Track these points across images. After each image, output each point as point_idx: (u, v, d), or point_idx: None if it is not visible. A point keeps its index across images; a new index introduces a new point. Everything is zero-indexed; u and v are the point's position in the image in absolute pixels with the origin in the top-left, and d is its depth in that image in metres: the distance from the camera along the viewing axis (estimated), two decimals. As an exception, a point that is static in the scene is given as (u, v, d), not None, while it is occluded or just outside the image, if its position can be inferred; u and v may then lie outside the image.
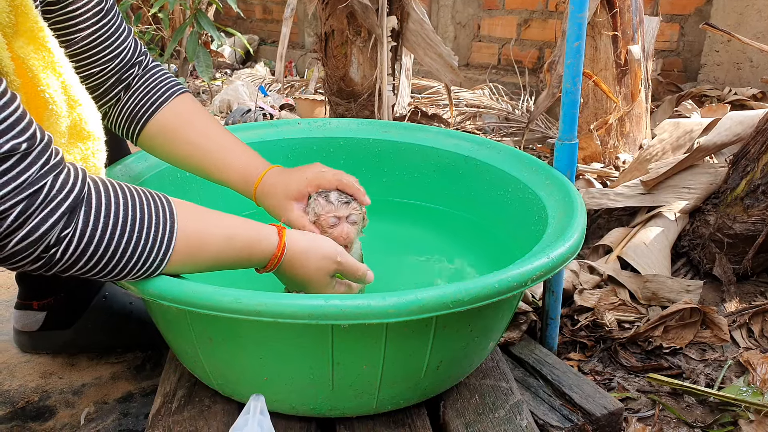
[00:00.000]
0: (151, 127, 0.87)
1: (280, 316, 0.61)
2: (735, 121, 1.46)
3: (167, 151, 0.89)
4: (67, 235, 0.58)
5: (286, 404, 0.76)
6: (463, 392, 0.85)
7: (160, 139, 0.87)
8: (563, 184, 0.93)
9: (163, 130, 0.87)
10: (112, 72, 0.84)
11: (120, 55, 0.84)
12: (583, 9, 0.91)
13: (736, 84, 2.38)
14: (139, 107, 0.87)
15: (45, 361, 1.06)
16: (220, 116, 3.10)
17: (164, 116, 0.87)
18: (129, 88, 0.87)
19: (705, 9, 2.52)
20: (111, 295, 1.07)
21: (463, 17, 3.37)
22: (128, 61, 0.86)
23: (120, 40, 0.84)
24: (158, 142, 0.88)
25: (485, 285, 0.65)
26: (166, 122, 0.87)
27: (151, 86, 0.88)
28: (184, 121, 0.88)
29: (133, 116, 0.87)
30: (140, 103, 0.87)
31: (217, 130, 0.89)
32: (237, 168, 0.87)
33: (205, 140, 0.87)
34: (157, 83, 0.88)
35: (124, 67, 0.85)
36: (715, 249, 1.34)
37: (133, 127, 0.88)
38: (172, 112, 0.88)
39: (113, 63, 0.84)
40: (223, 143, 0.88)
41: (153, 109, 0.87)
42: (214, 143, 0.87)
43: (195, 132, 0.87)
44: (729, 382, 1.05)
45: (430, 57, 1.89)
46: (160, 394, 0.85)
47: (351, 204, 0.84)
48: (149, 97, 0.87)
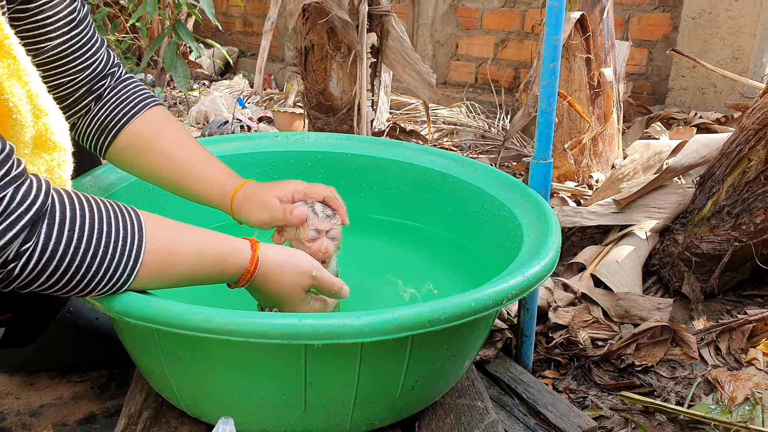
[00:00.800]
0: (122, 138, 0.85)
1: (252, 335, 0.59)
2: (701, 144, 1.50)
3: (138, 164, 0.86)
4: (27, 249, 0.56)
5: (257, 426, 0.74)
6: (438, 412, 0.84)
7: (131, 151, 0.85)
8: (538, 202, 0.94)
9: (135, 142, 0.85)
10: (83, 82, 0.82)
11: (91, 66, 0.82)
12: (559, 32, 0.93)
13: (701, 108, 2.46)
14: (110, 118, 0.84)
15: (1, 380, 1.02)
16: (196, 127, 3.06)
17: (136, 127, 0.85)
18: (100, 99, 0.85)
19: (671, 36, 2.60)
20: (76, 311, 1.03)
21: (442, 36, 3.42)
22: (99, 72, 0.84)
23: (92, 51, 0.82)
24: (129, 155, 0.85)
25: (461, 303, 0.64)
26: (138, 133, 0.85)
27: (123, 97, 0.85)
28: (157, 132, 0.85)
29: (103, 127, 0.85)
30: (111, 113, 0.85)
31: (191, 143, 0.87)
32: (212, 180, 0.86)
33: (179, 152, 0.85)
34: (129, 94, 0.86)
35: (95, 78, 0.83)
36: (684, 267, 1.36)
37: (103, 138, 0.85)
38: (145, 124, 0.85)
39: (84, 73, 0.82)
40: (197, 156, 0.86)
41: (125, 120, 0.84)
42: (188, 156, 0.85)
43: (168, 144, 0.85)
44: (699, 399, 1.06)
45: (408, 74, 1.91)
46: (125, 416, 0.81)
47: (333, 219, 0.83)
48: (121, 108, 0.85)
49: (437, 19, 3.42)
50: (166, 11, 2.89)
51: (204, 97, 3.28)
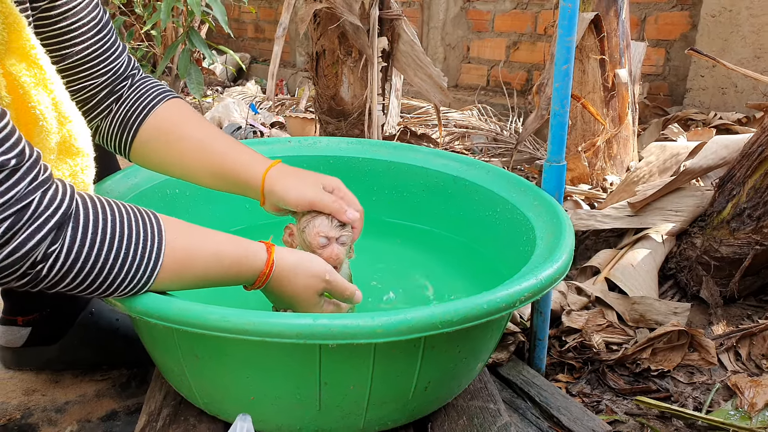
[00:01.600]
0: (145, 129, 0.84)
1: (268, 335, 0.61)
2: (721, 145, 1.49)
3: (164, 153, 0.85)
4: (54, 251, 0.58)
5: (272, 424, 0.75)
6: (450, 413, 0.84)
7: (155, 141, 0.84)
8: (551, 205, 0.94)
9: (159, 131, 0.84)
10: (105, 85, 0.84)
11: (113, 69, 0.83)
12: (572, 33, 0.93)
13: (721, 108, 2.43)
14: (132, 111, 0.85)
15: (28, 377, 1.04)
16: (211, 133, 3.09)
17: (159, 117, 0.85)
18: (120, 98, 0.86)
19: (690, 35, 2.58)
20: (98, 312, 1.06)
21: (453, 39, 3.42)
22: (121, 75, 0.85)
23: (114, 55, 0.83)
24: (153, 145, 0.85)
25: (474, 306, 0.65)
26: (161, 122, 0.85)
27: (143, 91, 0.86)
28: (180, 119, 0.86)
29: (125, 122, 0.85)
30: (132, 107, 0.85)
31: (216, 129, 0.88)
32: (243, 159, 0.84)
33: (205, 136, 0.85)
34: (148, 89, 0.87)
35: (117, 80, 0.85)
36: (702, 272, 1.35)
37: (126, 133, 0.85)
38: (167, 113, 0.86)
39: (106, 77, 0.83)
40: (224, 139, 0.86)
41: (146, 111, 0.85)
42: (214, 138, 0.85)
43: (193, 128, 0.85)
44: (717, 405, 1.05)
45: (419, 78, 1.92)
46: (145, 413, 0.83)
47: (345, 228, 0.84)
48: (141, 101, 0.85)
49: (448, 22, 3.42)
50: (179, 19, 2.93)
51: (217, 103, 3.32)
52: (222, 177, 0.85)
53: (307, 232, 0.83)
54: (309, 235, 0.82)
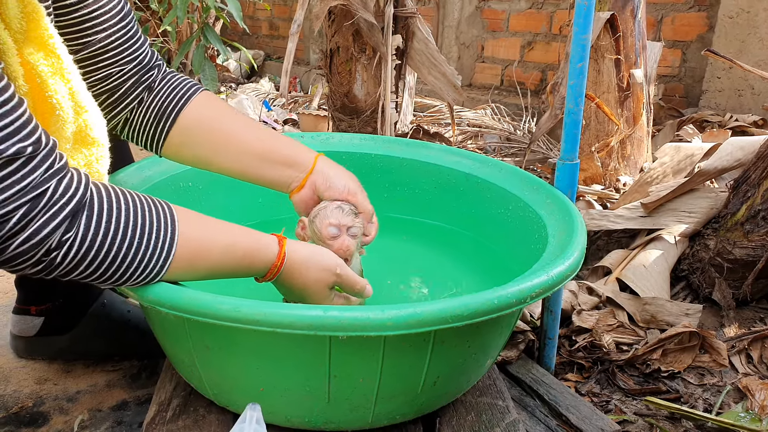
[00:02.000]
0: (183, 119, 0.85)
1: (279, 325, 0.61)
2: (736, 147, 1.47)
3: (205, 141, 0.85)
4: (68, 239, 0.59)
5: (281, 416, 0.76)
6: (459, 409, 0.84)
7: (194, 130, 0.85)
8: (564, 203, 0.94)
9: (199, 120, 0.85)
10: (132, 73, 0.83)
11: (138, 58, 0.83)
12: (587, 31, 0.92)
13: (737, 110, 2.40)
14: (168, 101, 0.85)
15: (40, 366, 1.06)
16: (224, 129, 3.11)
17: (197, 106, 0.85)
18: (152, 89, 0.86)
19: (707, 36, 2.55)
20: (110, 303, 1.07)
21: (468, 38, 3.41)
22: (147, 64, 0.85)
23: (138, 44, 0.83)
24: (194, 134, 0.85)
25: (484, 301, 0.65)
26: (201, 111, 0.85)
27: (175, 84, 0.87)
28: (219, 109, 0.86)
29: (161, 112, 0.85)
30: (168, 98, 0.85)
31: (254, 119, 0.90)
32: (291, 143, 0.88)
33: (248, 121, 0.87)
34: (180, 81, 0.87)
35: (143, 69, 0.84)
36: (715, 273, 1.34)
37: (162, 123, 0.85)
38: (205, 102, 0.86)
39: (132, 65, 0.82)
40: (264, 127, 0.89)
41: (184, 101, 0.85)
42: (257, 125, 0.87)
43: (234, 115, 0.86)
44: (727, 407, 1.04)
45: (433, 76, 1.91)
46: (155, 403, 0.84)
47: (357, 217, 0.84)
48: (177, 92, 0.86)
49: (463, 21, 3.41)
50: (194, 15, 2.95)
51: (231, 99, 3.34)
52: (269, 158, 0.86)
53: (317, 221, 0.83)
54: (319, 224, 0.82)
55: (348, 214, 0.83)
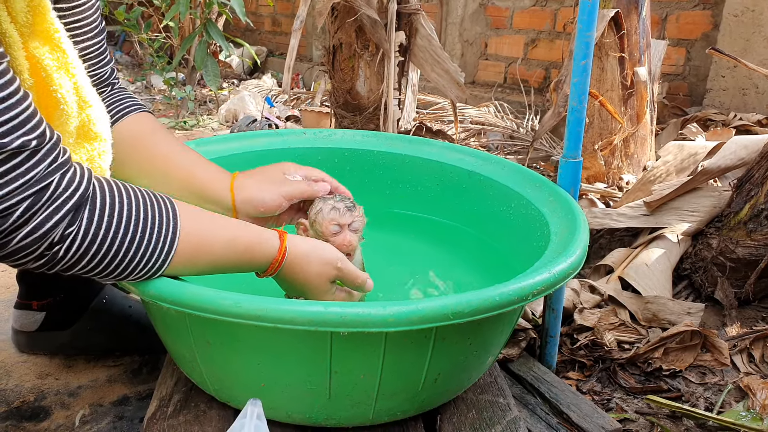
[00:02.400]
0: (114, 134, 0.82)
1: (280, 321, 0.61)
2: (740, 146, 1.46)
3: (129, 160, 0.84)
4: (71, 233, 0.59)
5: (282, 412, 0.76)
6: (460, 406, 0.84)
7: (120, 146, 0.82)
8: (566, 201, 0.94)
9: (127, 138, 0.84)
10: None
11: (99, 74, 0.84)
12: (591, 28, 0.92)
13: (741, 109, 2.39)
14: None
15: (42, 361, 1.06)
16: (225, 125, 3.12)
17: (129, 125, 0.85)
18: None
19: (712, 34, 2.54)
20: (111, 298, 1.07)
21: (471, 35, 3.40)
22: (104, 81, 0.86)
23: (104, 61, 0.84)
24: (121, 149, 0.82)
25: (486, 297, 0.65)
26: (130, 130, 0.84)
27: (117, 99, 0.87)
28: (149, 130, 0.86)
29: None
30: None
31: (182, 144, 0.88)
32: (208, 168, 0.85)
33: (172, 149, 0.85)
34: (122, 98, 0.87)
35: (99, 85, 0.85)
36: (717, 273, 1.33)
37: None
38: (137, 123, 0.86)
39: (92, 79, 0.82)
40: (190, 153, 0.87)
41: (117, 117, 0.85)
42: (181, 151, 0.86)
43: (161, 140, 0.85)
44: (728, 406, 1.04)
45: (436, 73, 1.91)
46: (156, 398, 0.84)
47: (353, 211, 0.84)
48: (114, 107, 0.85)
49: (466, 18, 3.40)
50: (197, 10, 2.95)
51: (233, 95, 3.34)
52: (189, 189, 0.85)
53: (318, 222, 0.83)
54: (321, 224, 0.83)
55: (344, 213, 0.83)
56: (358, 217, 0.84)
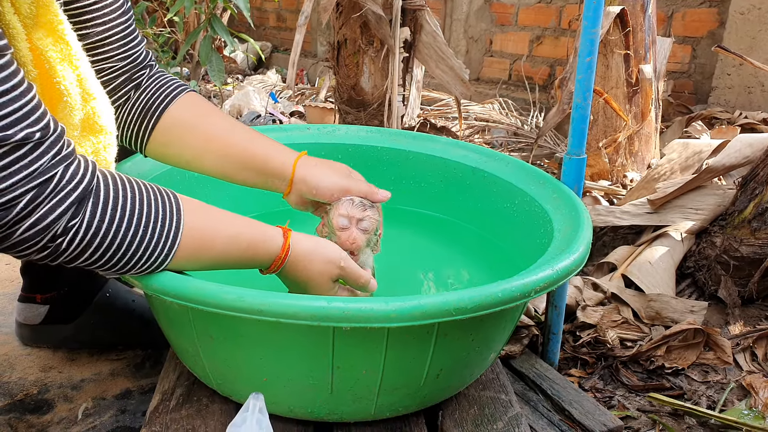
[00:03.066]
0: (167, 117, 0.84)
1: (282, 316, 0.61)
2: (745, 144, 1.46)
3: (186, 141, 0.84)
4: (74, 225, 0.59)
5: (284, 406, 0.76)
6: (462, 403, 0.84)
7: (177, 129, 0.84)
8: (570, 198, 0.93)
9: (181, 120, 0.84)
10: (123, 70, 0.84)
11: (132, 55, 0.84)
12: (596, 24, 0.92)
13: (747, 108, 2.38)
14: (153, 99, 0.85)
15: (45, 354, 1.07)
16: (230, 120, 3.11)
17: (181, 106, 0.85)
18: (139, 87, 0.86)
19: (718, 32, 2.52)
20: (114, 292, 1.08)
21: (476, 32, 3.39)
22: (140, 63, 0.85)
23: (134, 42, 0.84)
24: (175, 134, 0.84)
25: (488, 294, 0.65)
26: (184, 111, 0.85)
27: (162, 82, 0.87)
28: (203, 110, 0.86)
29: (146, 110, 0.85)
30: (153, 96, 0.85)
31: (237, 121, 0.88)
32: (271, 147, 0.85)
33: (229, 124, 0.85)
34: (168, 80, 0.88)
35: (135, 67, 0.85)
36: (721, 271, 1.33)
37: (147, 120, 0.85)
38: (189, 102, 0.86)
39: (125, 62, 0.83)
40: (248, 129, 0.87)
41: (168, 100, 0.85)
42: (238, 127, 0.86)
43: (216, 118, 0.85)
44: (731, 404, 1.04)
45: (441, 69, 1.90)
46: (159, 392, 0.84)
47: (368, 210, 0.83)
48: (163, 91, 0.86)
49: (471, 15, 3.39)
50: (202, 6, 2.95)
51: (238, 91, 3.34)
52: (248, 165, 0.85)
53: (331, 214, 0.83)
54: (333, 216, 0.83)
55: (358, 207, 0.82)
56: (370, 216, 0.83)
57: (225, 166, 0.85)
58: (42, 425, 0.90)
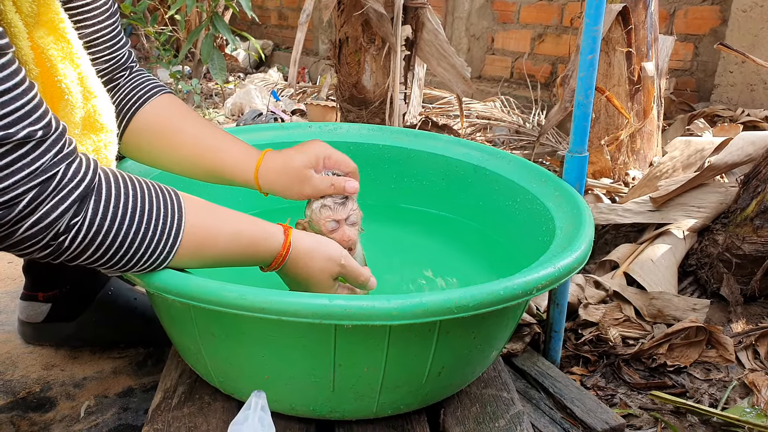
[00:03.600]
0: (139, 119, 0.84)
1: (284, 314, 0.61)
2: (747, 141, 1.45)
3: (156, 145, 0.85)
4: (76, 223, 0.59)
5: (286, 404, 0.76)
6: (463, 400, 0.84)
7: (147, 133, 0.84)
8: (572, 195, 0.93)
9: (153, 122, 0.84)
10: (106, 71, 0.84)
11: (116, 58, 0.84)
12: (599, 22, 0.91)
13: (749, 105, 2.37)
14: (127, 100, 0.85)
15: (48, 352, 1.07)
16: (231, 119, 3.13)
17: (154, 108, 0.85)
18: (116, 87, 0.87)
19: (720, 29, 2.52)
20: (116, 291, 1.08)
21: (478, 30, 3.39)
22: (122, 65, 0.86)
23: (120, 44, 0.84)
24: (146, 137, 0.84)
25: (490, 292, 0.64)
26: (156, 114, 0.85)
27: (139, 82, 0.87)
28: (175, 113, 0.86)
29: (119, 110, 0.85)
30: (128, 96, 0.85)
31: (209, 124, 0.87)
32: (234, 152, 0.84)
33: (199, 130, 0.85)
34: (144, 80, 0.87)
35: (117, 69, 0.85)
36: (723, 269, 1.33)
37: (119, 121, 0.85)
38: (162, 105, 0.86)
39: (108, 63, 0.83)
40: (216, 134, 0.86)
41: (141, 102, 0.85)
42: (207, 133, 0.85)
43: (187, 122, 0.85)
44: (733, 402, 1.04)
45: (443, 67, 1.90)
46: (161, 390, 0.85)
47: (347, 205, 0.82)
48: (137, 92, 0.86)
49: (473, 13, 3.39)
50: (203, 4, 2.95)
51: (239, 89, 3.34)
52: (216, 175, 0.85)
53: (314, 221, 0.83)
54: (318, 223, 0.82)
55: (337, 208, 0.81)
56: (353, 210, 0.83)
57: (195, 173, 0.86)
58: (44, 423, 0.91)
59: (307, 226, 0.86)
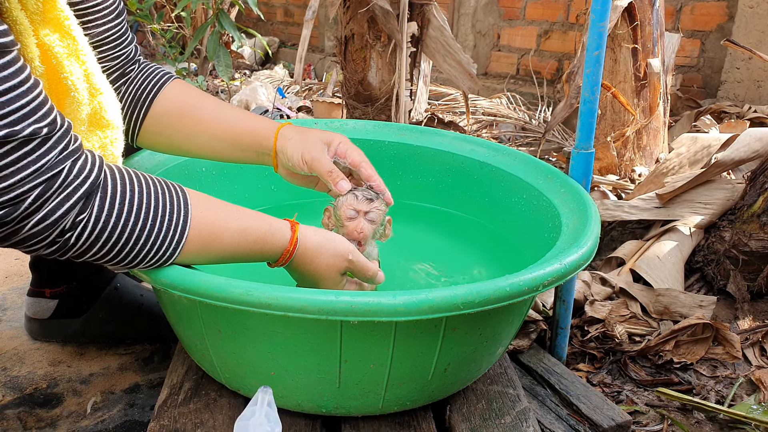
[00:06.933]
0: (157, 105, 0.87)
1: (290, 309, 0.61)
2: (754, 138, 1.44)
3: (177, 127, 0.87)
4: (82, 220, 0.59)
5: (293, 400, 0.76)
6: (469, 397, 0.84)
7: (167, 116, 0.87)
8: (578, 192, 0.93)
9: (171, 106, 0.87)
10: (116, 68, 0.86)
11: (124, 54, 0.86)
12: (605, 18, 0.91)
13: (756, 102, 2.36)
14: (142, 90, 0.87)
15: (54, 349, 1.07)
16: (236, 116, 3.12)
17: (169, 93, 0.87)
18: (128, 80, 0.89)
19: (727, 26, 2.50)
20: (122, 287, 1.08)
21: (484, 26, 3.37)
22: (130, 60, 0.88)
23: (127, 41, 0.86)
24: (166, 120, 0.87)
25: (496, 288, 0.64)
26: (172, 98, 0.87)
27: (149, 72, 0.89)
28: (190, 95, 0.88)
29: (136, 100, 0.87)
30: (142, 86, 0.87)
31: (225, 102, 0.90)
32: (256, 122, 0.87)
33: (217, 105, 0.87)
34: (154, 70, 0.90)
35: (126, 64, 0.87)
36: (730, 266, 1.32)
37: (138, 110, 0.87)
38: (177, 89, 0.88)
39: (118, 60, 0.85)
40: (235, 108, 0.89)
41: (157, 89, 0.87)
42: (226, 108, 0.88)
43: (204, 101, 0.87)
44: (740, 399, 1.03)
45: (448, 64, 1.90)
46: (167, 386, 0.85)
47: (374, 202, 0.84)
48: (150, 81, 0.88)
49: (479, 9, 3.37)
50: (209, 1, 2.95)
51: (245, 86, 3.34)
52: (238, 143, 0.87)
53: (338, 207, 0.84)
54: (340, 209, 0.84)
55: (363, 201, 0.83)
56: (376, 208, 0.84)
57: (216, 146, 0.88)
58: (51, 419, 0.91)
59: (332, 212, 0.87)
